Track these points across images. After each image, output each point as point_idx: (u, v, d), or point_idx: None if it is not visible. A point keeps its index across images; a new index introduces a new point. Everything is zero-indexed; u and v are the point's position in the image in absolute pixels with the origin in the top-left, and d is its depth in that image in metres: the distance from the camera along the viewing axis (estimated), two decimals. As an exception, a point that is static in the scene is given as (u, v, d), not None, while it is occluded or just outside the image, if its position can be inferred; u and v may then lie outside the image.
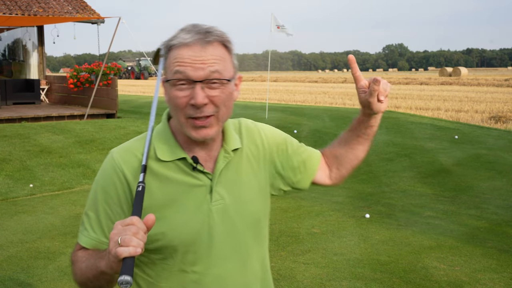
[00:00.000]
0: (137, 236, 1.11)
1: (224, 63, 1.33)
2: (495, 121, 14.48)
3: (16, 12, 14.05)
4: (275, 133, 1.59)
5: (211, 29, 1.33)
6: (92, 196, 1.42)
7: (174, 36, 1.34)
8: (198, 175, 1.39)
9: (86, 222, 1.41)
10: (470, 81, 36.93)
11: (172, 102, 1.34)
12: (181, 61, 1.30)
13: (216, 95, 1.32)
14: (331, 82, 45.55)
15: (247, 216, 1.45)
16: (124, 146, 1.43)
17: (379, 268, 4.52)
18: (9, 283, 4.27)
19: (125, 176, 1.36)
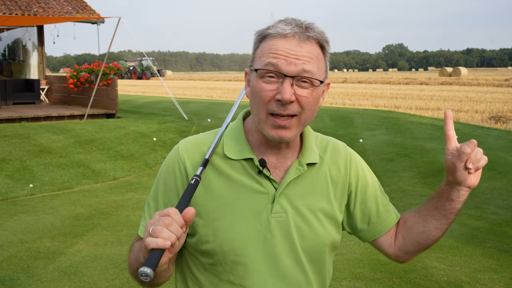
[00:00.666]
0: (169, 228, 1.03)
1: (318, 64, 1.26)
2: (495, 121, 14.47)
3: (16, 12, 14.05)
4: (364, 166, 1.46)
5: (312, 25, 1.26)
6: (155, 185, 1.37)
7: (271, 26, 1.26)
8: (263, 180, 1.29)
9: (146, 211, 1.36)
10: (470, 81, 36.92)
11: (256, 94, 1.25)
12: (275, 52, 1.22)
13: (304, 95, 1.23)
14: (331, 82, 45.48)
15: (309, 238, 1.30)
16: (193, 137, 1.37)
17: (379, 268, 4.52)
18: (9, 283, 4.27)
19: (185, 168, 1.30)
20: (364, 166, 1.46)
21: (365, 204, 1.42)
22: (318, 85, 1.25)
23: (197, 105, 17.86)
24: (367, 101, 21.07)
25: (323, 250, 1.34)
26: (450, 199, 1.31)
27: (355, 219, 1.42)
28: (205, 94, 26.90)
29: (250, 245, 1.26)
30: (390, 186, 7.71)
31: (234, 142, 1.32)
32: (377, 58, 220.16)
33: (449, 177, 1.27)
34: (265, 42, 1.25)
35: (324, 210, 1.34)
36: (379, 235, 1.44)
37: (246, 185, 1.28)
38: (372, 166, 6.61)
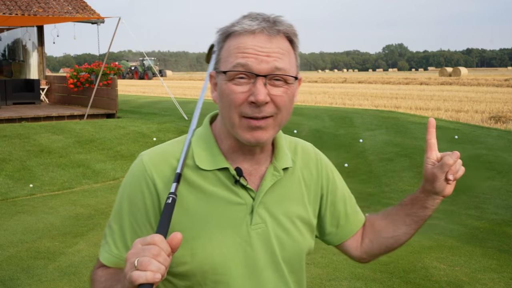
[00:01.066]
0: (157, 258, 0.92)
1: (290, 59, 1.17)
2: (495, 121, 14.48)
3: (16, 12, 14.06)
4: (333, 168, 1.42)
5: (280, 18, 1.17)
6: (117, 206, 1.22)
7: (236, 22, 1.16)
8: (240, 190, 1.20)
9: (108, 235, 1.21)
10: (470, 81, 36.93)
11: (226, 98, 1.15)
12: (243, 51, 1.13)
13: (279, 94, 1.14)
14: (331, 82, 45.55)
15: (289, 248, 1.25)
16: (157, 149, 1.24)
17: (379, 268, 4.52)
18: (9, 283, 4.27)
19: (155, 184, 1.17)
20: (333, 167, 1.42)
21: (334, 207, 1.37)
22: (293, 82, 1.17)
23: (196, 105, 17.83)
24: (367, 101, 21.07)
25: (302, 259, 1.30)
26: (424, 206, 1.30)
27: (325, 222, 1.37)
28: (205, 94, 26.87)
29: (231, 262, 1.18)
30: (390, 186, 7.72)
31: (205, 151, 1.21)
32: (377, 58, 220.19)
33: (428, 186, 1.26)
34: (231, 41, 1.15)
35: (300, 217, 1.28)
36: (346, 238, 1.40)
37: (222, 197, 1.19)
38: (372, 166, 6.62)
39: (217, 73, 1.19)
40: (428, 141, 1.25)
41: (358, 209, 1.43)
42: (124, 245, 1.18)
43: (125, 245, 1.18)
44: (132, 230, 1.18)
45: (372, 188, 7.60)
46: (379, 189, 7.54)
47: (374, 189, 7.54)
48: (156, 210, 1.18)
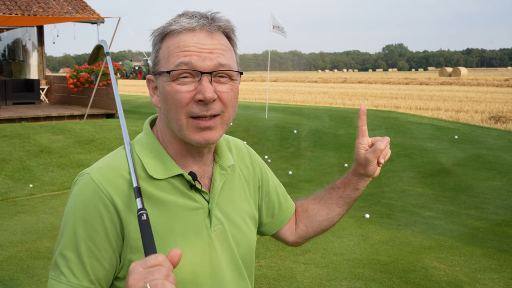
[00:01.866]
0: (169, 279, 0.88)
1: (231, 56, 1.16)
2: (495, 121, 14.48)
3: (16, 12, 14.06)
4: (261, 159, 1.43)
5: (217, 14, 1.16)
6: (69, 232, 1.11)
7: (173, 22, 1.14)
8: (195, 195, 1.18)
9: (62, 265, 1.10)
10: (470, 81, 36.94)
11: (171, 99, 1.11)
12: (185, 49, 1.10)
13: (225, 91, 1.13)
14: (331, 82, 45.56)
15: (243, 244, 1.26)
16: (103, 165, 1.16)
17: (379, 268, 4.52)
18: (9, 283, 4.27)
19: (113, 203, 1.10)
20: (262, 160, 1.44)
21: (269, 197, 1.40)
22: (236, 78, 1.15)
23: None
24: (367, 101, 21.07)
25: (253, 253, 1.32)
26: (356, 188, 1.39)
27: (262, 214, 1.39)
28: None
29: (199, 268, 1.16)
30: (390, 186, 7.72)
31: (154, 159, 1.16)
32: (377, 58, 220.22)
33: (360, 169, 1.34)
34: (169, 41, 1.13)
35: (247, 213, 1.30)
36: (281, 226, 1.43)
37: (180, 205, 1.16)
38: (372, 166, 6.41)
39: (156, 76, 1.16)
40: (359, 128, 1.32)
41: (288, 196, 1.47)
42: (84, 273, 1.10)
43: (85, 273, 1.10)
44: (91, 255, 1.10)
45: (372, 188, 7.60)
46: (379, 189, 7.54)
47: (374, 189, 7.54)
48: (117, 229, 1.11)
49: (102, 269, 1.11)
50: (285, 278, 4.32)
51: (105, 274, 1.12)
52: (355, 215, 6.17)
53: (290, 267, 4.55)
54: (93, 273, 1.10)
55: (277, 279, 4.30)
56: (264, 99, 22.05)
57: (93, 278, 1.10)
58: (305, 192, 7.36)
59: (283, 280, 4.28)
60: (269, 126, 12.08)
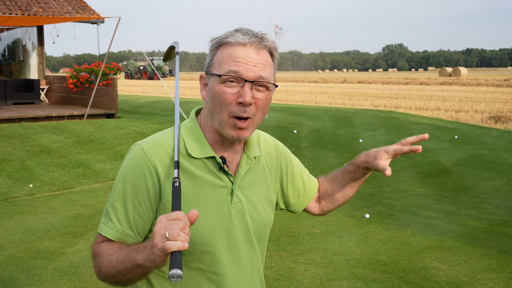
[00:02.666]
0: (184, 231, 1.12)
1: (271, 70, 1.41)
2: (495, 121, 14.47)
3: (16, 12, 14.05)
4: (287, 151, 1.69)
5: (265, 35, 1.41)
6: (120, 188, 1.40)
7: (230, 34, 1.39)
8: (222, 175, 1.43)
9: (112, 213, 1.39)
10: (470, 81, 36.93)
11: (218, 97, 1.37)
12: (236, 60, 1.35)
13: (260, 98, 1.38)
14: (331, 82, 45.54)
15: (258, 222, 1.50)
16: (154, 140, 1.44)
17: (379, 268, 4.52)
18: (9, 283, 4.27)
19: (156, 170, 1.37)
20: (288, 151, 1.70)
21: (294, 182, 1.66)
22: (272, 89, 1.41)
23: (197, 105, 17.76)
24: (367, 101, 21.07)
25: (267, 231, 1.57)
26: (364, 174, 1.67)
27: (288, 197, 1.66)
28: (205, 94, 26.84)
29: (217, 235, 1.41)
30: (390, 186, 7.72)
31: (194, 142, 1.43)
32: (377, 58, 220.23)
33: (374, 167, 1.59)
34: (224, 50, 1.38)
35: (265, 197, 1.55)
36: (307, 204, 1.71)
37: (209, 181, 1.41)
38: (372, 166, 6.36)
39: (208, 75, 1.42)
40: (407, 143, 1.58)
41: (312, 178, 1.74)
42: (127, 222, 1.37)
43: (128, 222, 1.37)
44: (134, 209, 1.37)
45: (372, 188, 7.60)
46: (379, 189, 7.54)
47: (374, 189, 7.54)
48: (156, 191, 1.38)
49: (141, 221, 1.38)
50: (285, 278, 4.32)
51: (143, 225, 1.39)
52: (355, 215, 6.17)
53: (290, 267, 4.55)
54: (134, 223, 1.38)
55: (277, 279, 4.30)
56: (264, 99, 21.95)
57: (134, 227, 1.38)
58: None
59: (283, 280, 4.28)
60: (269, 126, 12.08)
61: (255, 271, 1.53)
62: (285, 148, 1.69)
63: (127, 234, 1.37)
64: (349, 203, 6.75)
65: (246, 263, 1.48)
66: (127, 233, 1.37)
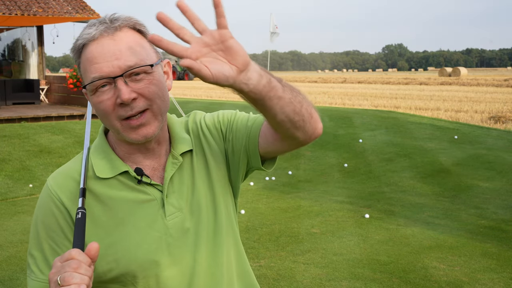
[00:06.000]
0: (78, 271, 0.97)
1: (141, 50, 1.16)
2: (495, 121, 14.48)
3: (16, 12, 14.05)
4: (214, 119, 1.35)
5: (115, 16, 1.18)
6: (34, 233, 1.24)
7: (79, 36, 1.18)
8: (146, 188, 1.23)
9: (32, 264, 1.23)
10: (470, 81, 36.94)
11: (98, 110, 1.17)
12: (93, 61, 1.14)
13: (143, 86, 1.15)
14: (330, 82, 45.56)
15: (207, 224, 1.27)
16: (59, 170, 1.28)
17: (379, 268, 4.52)
18: (8, 283, 4.27)
19: (62, 203, 1.21)
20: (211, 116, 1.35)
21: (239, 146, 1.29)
22: (152, 70, 1.16)
23: (197, 105, 17.86)
24: (367, 101, 21.08)
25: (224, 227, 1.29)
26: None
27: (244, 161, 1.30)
28: (204, 94, 26.88)
29: (155, 255, 1.21)
30: (390, 186, 7.72)
31: (102, 160, 1.24)
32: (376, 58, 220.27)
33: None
34: (83, 55, 1.17)
35: (212, 189, 1.29)
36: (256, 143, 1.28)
37: (130, 199, 1.22)
38: (372, 166, 6.62)
39: (86, 90, 1.20)
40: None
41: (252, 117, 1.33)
42: (48, 268, 1.21)
43: (49, 268, 1.20)
44: (53, 252, 1.21)
45: (372, 188, 7.60)
46: (379, 189, 7.54)
47: (374, 189, 7.54)
48: (71, 226, 1.21)
49: None
50: (285, 278, 4.32)
51: None
52: (355, 215, 6.17)
53: (290, 267, 4.55)
54: None
55: (277, 279, 4.30)
56: (264, 99, 21.97)
57: None
58: (305, 192, 7.37)
59: (283, 280, 4.28)
60: (269, 126, 12.07)
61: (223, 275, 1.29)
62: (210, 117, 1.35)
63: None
64: (349, 203, 6.76)
65: (206, 273, 1.26)
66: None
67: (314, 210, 6.42)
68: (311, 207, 6.56)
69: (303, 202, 6.80)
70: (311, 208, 6.51)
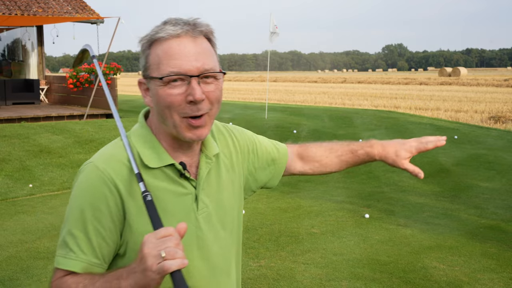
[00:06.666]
0: (179, 247, 1.05)
1: (214, 57, 1.27)
2: (495, 121, 14.49)
3: (16, 12, 14.05)
4: (244, 134, 1.53)
5: (198, 21, 1.26)
6: (77, 214, 1.24)
7: (159, 29, 1.24)
8: (184, 182, 1.31)
9: (72, 243, 1.23)
10: (470, 81, 36.94)
11: (163, 101, 1.22)
12: (174, 56, 1.21)
13: (211, 90, 1.24)
14: (330, 82, 45.56)
15: (228, 223, 1.40)
16: (105, 154, 1.29)
17: (379, 268, 4.52)
18: (9, 283, 4.27)
19: (116, 186, 1.23)
20: (242, 131, 1.55)
21: (261, 161, 1.54)
22: (220, 77, 1.27)
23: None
24: (367, 101, 21.08)
25: (240, 229, 1.47)
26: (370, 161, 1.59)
27: (261, 178, 1.55)
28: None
29: (187, 247, 1.24)
30: (390, 186, 7.72)
31: (149, 150, 1.29)
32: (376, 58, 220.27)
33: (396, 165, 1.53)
34: (157, 47, 1.23)
35: (233, 193, 1.43)
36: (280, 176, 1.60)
37: (171, 191, 1.29)
38: (372, 166, 6.60)
39: (147, 79, 1.27)
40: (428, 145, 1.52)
41: (279, 145, 1.61)
42: (91, 250, 1.23)
43: (93, 250, 1.23)
44: (98, 235, 1.23)
45: (372, 188, 7.60)
46: (379, 189, 7.54)
47: (374, 189, 7.54)
48: (120, 210, 1.24)
49: (107, 246, 1.24)
50: (284, 278, 4.32)
51: (108, 251, 1.25)
52: (355, 215, 6.17)
53: (290, 267, 4.55)
54: (100, 250, 1.24)
55: (277, 279, 4.30)
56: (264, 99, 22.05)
57: (99, 254, 1.24)
58: (305, 192, 7.37)
59: (283, 280, 4.28)
60: (269, 126, 12.08)
61: (232, 275, 1.42)
62: (241, 131, 1.54)
63: (93, 263, 1.23)
64: (349, 203, 6.76)
65: (223, 269, 1.37)
66: (92, 262, 1.23)
67: (314, 210, 6.42)
68: (311, 207, 6.56)
69: (303, 202, 6.80)
70: (311, 208, 6.51)
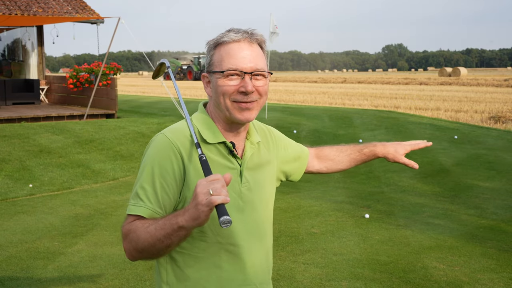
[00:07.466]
0: (224, 188, 1.32)
1: (264, 60, 1.64)
2: (495, 121, 14.48)
3: (16, 12, 14.04)
4: (278, 134, 1.94)
5: (254, 31, 1.64)
6: (148, 171, 1.57)
7: (224, 35, 1.61)
8: (232, 158, 1.64)
9: (142, 194, 1.55)
10: (470, 81, 36.91)
11: (220, 89, 1.58)
12: (234, 56, 1.57)
13: (261, 85, 1.60)
14: (330, 82, 45.52)
15: (263, 199, 1.72)
16: (173, 128, 1.64)
17: (379, 268, 4.52)
18: (8, 283, 4.27)
19: (180, 153, 1.57)
20: (280, 135, 1.93)
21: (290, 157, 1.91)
22: (268, 76, 1.64)
23: (197, 105, 17.78)
24: (367, 101, 21.07)
25: (271, 205, 1.79)
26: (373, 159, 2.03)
27: (287, 171, 1.91)
28: (204, 94, 26.87)
29: (231, 210, 1.56)
30: (390, 186, 7.72)
31: (208, 129, 1.63)
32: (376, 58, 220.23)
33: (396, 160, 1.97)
34: (221, 49, 1.60)
35: (268, 177, 1.77)
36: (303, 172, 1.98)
37: (221, 164, 1.62)
38: (372, 166, 6.61)
39: (211, 74, 1.63)
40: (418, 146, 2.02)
41: (302, 147, 1.99)
42: (157, 201, 1.55)
43: (158, 201, 1.55)
44: (162, 189, 1.55)
45: (372, 188, 7.60)
46: (379, 189, 7.54)
47: (374, 189, 7.54)
48: (181, 172, 1.57)
49: (169, 200, 1.57)
50: (284, 278, 4.32)
51: (170, 204, 1.57)
52: (355, 215, 6.17)
53: (290, 267, 4.55)
54: (163, 202, 1.55)
55: (277, 279, 4.30)
56: (264, 99, 21.95)
57: (162, 205, 1.55)
58: (305, 192, 7.37)
59: (283, 280, 4.28)
60: (269, 126, 12.06)
61: (264, 243, 1.72)
62: (276, 132, 1.92)
63: (157, 211, 1.53)
64: (349, 203, 6.76)
65: (256, 235, 1.68)
66: (156, 211, 1.53)
67: (314, 210, 6.42)
68: (311, 207, 6.56)
69: (303, 202, 6.80)
70: (311, 208, 6.51)
